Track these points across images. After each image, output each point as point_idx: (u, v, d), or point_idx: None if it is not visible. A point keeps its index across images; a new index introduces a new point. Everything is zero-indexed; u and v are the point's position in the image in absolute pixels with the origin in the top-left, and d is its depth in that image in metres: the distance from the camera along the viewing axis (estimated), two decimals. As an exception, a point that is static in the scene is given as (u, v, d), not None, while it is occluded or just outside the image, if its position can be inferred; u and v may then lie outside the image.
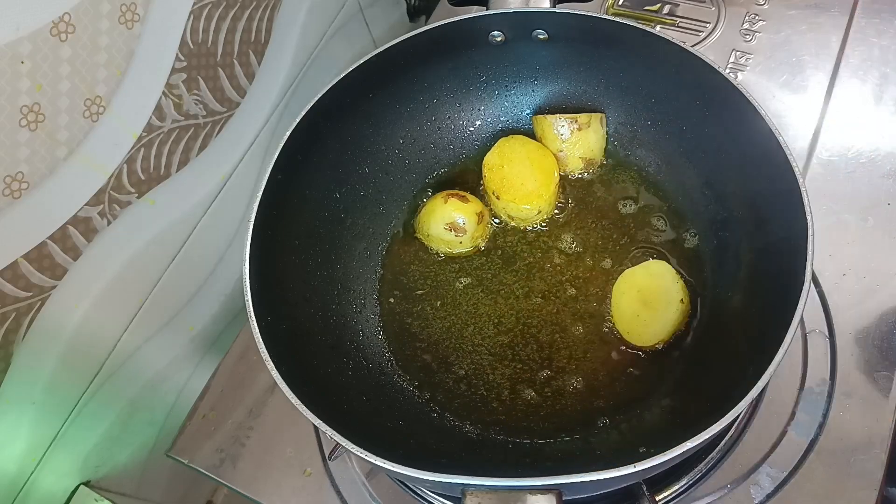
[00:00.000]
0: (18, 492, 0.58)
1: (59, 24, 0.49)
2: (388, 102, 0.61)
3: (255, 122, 0.72)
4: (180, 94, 0.61)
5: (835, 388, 0.55)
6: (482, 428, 0.54)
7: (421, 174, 0.66)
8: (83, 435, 0.63)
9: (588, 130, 0.62)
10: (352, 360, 0.56)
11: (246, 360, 0.66)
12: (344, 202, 0.61)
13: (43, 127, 0.50)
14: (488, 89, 0.65)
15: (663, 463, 0.37)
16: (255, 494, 0.59)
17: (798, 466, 0.53)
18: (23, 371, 0.54)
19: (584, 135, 0.62)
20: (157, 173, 0.61)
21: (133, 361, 0.66)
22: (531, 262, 0.61)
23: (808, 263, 0.42)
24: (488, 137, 0.66)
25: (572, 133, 0.61)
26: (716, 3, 0.78)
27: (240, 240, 0.75)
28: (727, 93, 0.51)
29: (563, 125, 0.61)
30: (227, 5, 0.63)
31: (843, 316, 0.58)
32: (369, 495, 0.58)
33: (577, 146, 0.62)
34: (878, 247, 0.61)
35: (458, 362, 0.57)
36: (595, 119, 0.62)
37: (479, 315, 0.59)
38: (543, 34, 0.59)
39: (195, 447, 0.62)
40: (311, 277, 0.57)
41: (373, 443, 0.40)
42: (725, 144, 0.55)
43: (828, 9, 0.75)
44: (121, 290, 0.61)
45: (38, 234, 0.52)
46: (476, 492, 0.37)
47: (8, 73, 0.47)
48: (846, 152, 0.66)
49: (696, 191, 0.59)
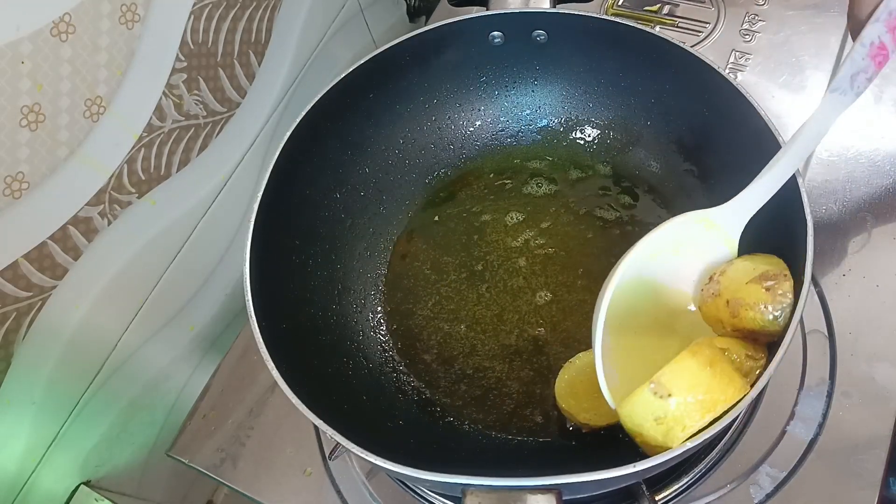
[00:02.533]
0: (19, 492, 0.58)
1: (59, 24, 0.49)
2: (388, 102, 0.61)
3: (256, 123, 0.72)
4: (181, 95, 0.61)
5: (834, 387, 0.55)
6: (482, 428, 0.54)
7: (421, 174, 0.66)
8: (83, 435, 0.63)
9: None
10: (352, 360, 0.56)
11: (246, 360, 0.66)
12: (344, 202, 0.61)
13: (43, 127, 0.50)
14: (488, 89, 0.65)
15: (663, 463, 0.38)
16: (256, 494, 0.59)
17: (798, 466, 0.53)
18: (23, 371, 0.54)
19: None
20: (157, 173, 0.62)
21: (133, 361, 0.66)
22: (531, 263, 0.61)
23: (808, 263, 0.42)
24: (488, 137, 0.66)
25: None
26: (715, 4, 0.78)
27: (240, 240, 0.75)
28: (727, 93, 0.51)
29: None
30: (227, 5, 0.63)
31: (843, 316, 0.58)
32: (369, 495, 0.58)
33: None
34: (878, 247, 0.61)
35: (459, 362, 0.57)
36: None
37: (480, 315, 0.59)
38: (543, 35, 0.59)
39: (195, 447, 0.62)
40: (311, 277, 0.57)
41: (373, 443, 0.40)
42: (725, 145, 0.55)
43: (828, 9, 0.75)
44: (121, 290, 0.62)
45: (38, 234, 0.52)
46: (476, 491, 0.37)
47: (8, 73, 0.47)
48: (846, 152, 0.66)
49: (695, 191, 0.59)
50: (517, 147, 0.67)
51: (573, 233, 0.62)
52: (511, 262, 0.61)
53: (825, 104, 0.44)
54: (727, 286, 0.45)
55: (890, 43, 0.43)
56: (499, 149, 0.67)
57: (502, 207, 0.64)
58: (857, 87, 0.44)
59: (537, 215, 0.63)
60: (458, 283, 0.61)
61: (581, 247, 0.61)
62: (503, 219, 0.64)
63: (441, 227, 0.64)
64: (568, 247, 0.61)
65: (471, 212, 0.65)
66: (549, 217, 0.63)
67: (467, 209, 0.65)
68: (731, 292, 0.44)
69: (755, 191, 0.46)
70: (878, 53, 0.43)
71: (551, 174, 0.65)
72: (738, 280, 0.44)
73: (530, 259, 0.61)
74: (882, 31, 0.43)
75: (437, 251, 0.63)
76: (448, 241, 0.63)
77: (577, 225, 0.62)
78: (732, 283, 0.45)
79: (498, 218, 0.64)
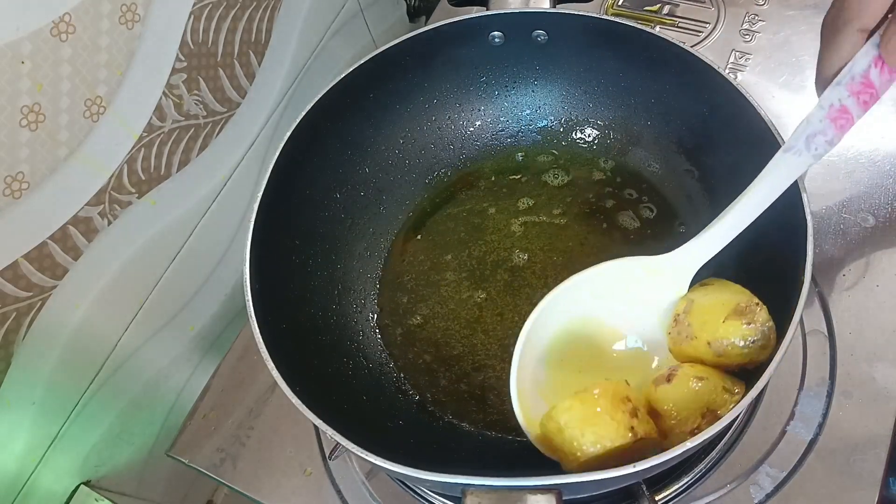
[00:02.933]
0: (19, 491, 0.58)
1: (59, 24, 0.49)
2: (388, 102, 0.61)
3: (256, 123, 0.72)
4: (181, 95, 0.61)
5: (834, 387, 0.55)
6: (482, 428, 0.54)
7: (421, 174, 0.66)
8: (83, 435, 0.63)
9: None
10: (352, 360, 0.56)
11: (246, 360, 0.66)
12: (344, 202, 0.61)
13: (43, 127, 0.50)
14: (488, 89, 0.65)
15: (663, 463, 0.38)
16: (256, 494, 0.59)
17: (798, 466, 0.53)
18: (23, 371, 0.54)
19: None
20: (157, 173, 0.62)
21: (133, 361, 0.66)
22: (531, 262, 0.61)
23: (807, 263, 0.42)
24: (488, 137, 0.66)
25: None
26: (715, 4, 0.78)
27: (240, 240, 0.75)
28: (727, 93, 0.51)
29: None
30: (227, 5, 0.63)
31: (843, 316, 0.58)
32: (369, 495, 0.58)
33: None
34: (879, 247, 0.61)
35: (459, 362, 0.57)
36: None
37: (480, 315, 0.59)
38: (543, 35, 0.59)
39: (195, 447, 0.62)
40: (311, 277, 0.57)
41: (373, 443, 0.40)
42: (725, 145, 0.55)
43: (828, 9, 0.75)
44: (121, 290, 0.62)
45: (38, 234, 0.52)
46: (476, 491, 0.37)
47: (8, 73, 0.47)
48: (846, 152, 0.66)
49: (695, 191, 0.59)
50: (517, 147, 0.67)
51: (573, 233, 0.62)
52: (511, 262, 0.61)
53: (777, 163, 0.43)
54: (702, 327, 0.44)
55: (853, 107, 0.41)
56: (499, 149, 0.67)
57: (502, 207, 0.64)
58: (814, 149, 0.42)
59: (537, 215, 0.63)
60: (457, 282, 0.61)
61: (580, 247, 0.61)
62: (503, 219, 0.64)
63: (441, 227, 0.64)
64: (568, 247, 0.61)
65: (471, 212, 0.65)
66: (549, 217, 0.63)
67: (467, 209, 0.65)
68: (709, 333, 0.43)
69: (703, 242, 0.46)
70: (840, 117, 0.41)
71: (551, 174, 0.65)
72: (713, 319, 0.43)
73: (530, 259, 0.61)
74: (843, 94, 0.41)
75: (437, 251, 0.63)
76: (448, 240, 0.63)
77: (578, 225, 0.62)
78: (707, 323, 0.44)
79: (498, 218, 0.64)
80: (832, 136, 0.42)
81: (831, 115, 0.42)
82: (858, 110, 0.42)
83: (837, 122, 0.42)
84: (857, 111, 0.42)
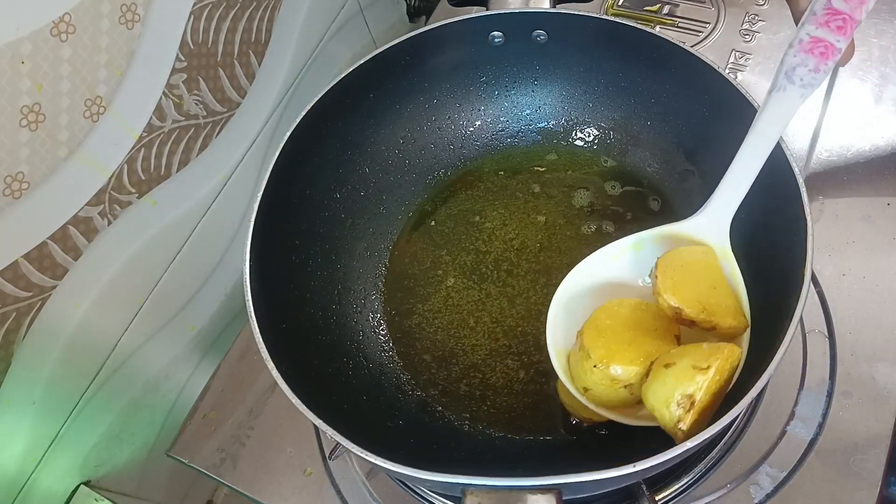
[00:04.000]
0: (19, 491, 0.58)
1: (59, 24, 0.49)
2: (388, 102, 0.61)
3: (256, 123, 0.72)
4: (181, 95, 0.61)
5: (834, 387, 0.55)
6: (482, 427, 0.54)
7: (421, 174, 0.66)
8: (83, 435, 0.63)
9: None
10: (352, 360, 0.56)
11: (246, 360, 0.66)
12: (344, 202, 0.61)
13: (43, 127, 0.50)
14: (488, 89, 0.65)
15: (663, 463, 0.38)
16: (256, 494, 0.59)
17: (798, 466, 0.53)
18: (23, 371, 0.54)
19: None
20: (157, 173, 0.62)
21: (133, 361, 0.66)
22: (531, 262, 0.61)
23: (807, 263, 0.42)
24: (488, 137, 0.66)
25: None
26: (715, 4, 0.78)
27: (240, 240, 0.75)
28: (727, 93, 0.51)
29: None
30: (227, 5, 0.63)
31: (842, 316, 0.58)
32: (369, 495, 0.58)
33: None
34: (878, 247, 0.61)
35: (458, 362, 0.57)
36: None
37: (480, 315, 0.59)
38: (543, 35, 0.59)
39: (195, 447, 0.62)
40: (311, 277, 0.57)
41: (373, 443, 0.40)
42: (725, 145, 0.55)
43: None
44: (121, 290, 0.62)
45: (38, 234, 0.52)
46: (476, 491, 0.37)
47: (8, 73, 0.47)
48: (846, 152, 0.66)
49: (695, 191, 0.59)
50: (517, 147, 0.67)
51: (573, 233, 0.62)
52: (511, 262, 0.61)
53: (768, 105, 0.45)
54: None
55: (828, 35, 0.42)
56: (499, 149, 0.67)
57: (502, 207, 0.64)
58: (799, 80, 0.43)
59: (537, 215, 0.63)
60: (457, 282, 0.61)
61: (580, 246, 0.61)
62: (503, 219, 0.64)
63: (441, 227, 0.64)
64: (567, 246, 0.61)
65: (471, 212, 0.65)
66: (548, 217, 0.63)
67: (467, 209, 0.65)
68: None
69: (722, 195, 0.47)
70: (815, 46, 0.43)
71: (551, 174, 0.65)
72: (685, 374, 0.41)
73: (530, 258, 0.61)
74: (811, 29, 0.43)
75: (436, 251, 0.63)
76: (448, 240, 0.63)
77: (577, 225, 0.62)
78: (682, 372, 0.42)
79: (498, 218, 0.64)
80: (815, 65, 0.43)
81: (803, 48, 0.43)
82: (835, 36, 0.43)
83: (814, 52, 0.43)
84: (833, 37, 0.43)
